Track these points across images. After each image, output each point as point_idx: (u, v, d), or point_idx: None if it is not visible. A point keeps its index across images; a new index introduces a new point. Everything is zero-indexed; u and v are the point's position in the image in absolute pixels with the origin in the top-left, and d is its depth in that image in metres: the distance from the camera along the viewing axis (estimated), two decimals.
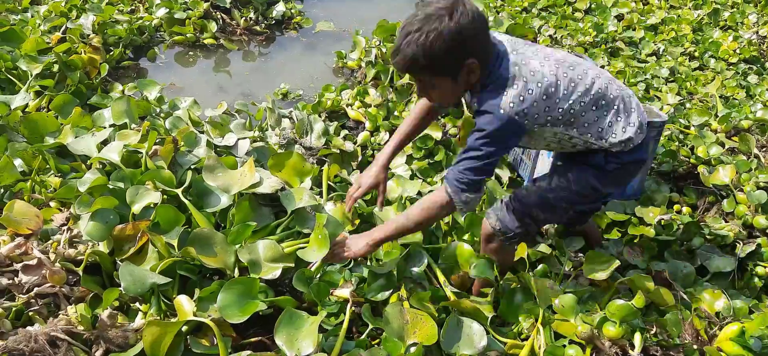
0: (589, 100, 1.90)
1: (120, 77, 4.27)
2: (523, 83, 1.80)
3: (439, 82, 1.86)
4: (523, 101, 1.79)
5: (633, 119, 1.99)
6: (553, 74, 1.85)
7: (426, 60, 1.74)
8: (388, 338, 1.86)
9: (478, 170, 1.87)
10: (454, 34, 1.70)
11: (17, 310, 1.98)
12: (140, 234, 2.21)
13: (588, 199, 2.13)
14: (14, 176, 2.52)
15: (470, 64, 1.78)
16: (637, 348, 1.96)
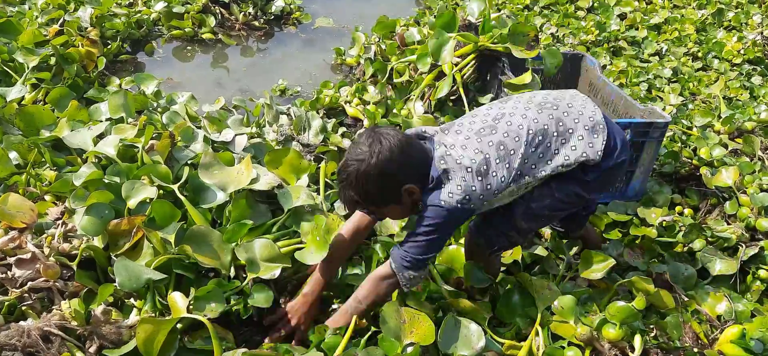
0: (524, 149, 1.88)
1: (117, 71, 4.24)
2: (454, 175, 1.83)
3: (387, 209, 1.98)
4: (461, 189, 1.82)
5: (579, 132, 1.93)
6: (478, 152, 1.86)
7: (363, 198, 1.89)
8: (384, 337, 1.83)
9: (423, 252, 1.91)
10: (378, 173, 1.81)
11: (10, 304, 1.96)
12: (135, 230, 2.18)
13: (573, 205, 2.08)
14: (9, 169, 2.50)
15: (408, 189, 1.86)
16: (637, 350, 1.94)
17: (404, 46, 3.99)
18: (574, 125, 1.92)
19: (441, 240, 1.93)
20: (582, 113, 1.96)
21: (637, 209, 2.90)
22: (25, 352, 1.78)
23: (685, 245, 2.69)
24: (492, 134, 1.90)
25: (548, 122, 1.91)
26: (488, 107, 2.04)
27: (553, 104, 1.96)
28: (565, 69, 3.53)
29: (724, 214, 2.96)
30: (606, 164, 1.96)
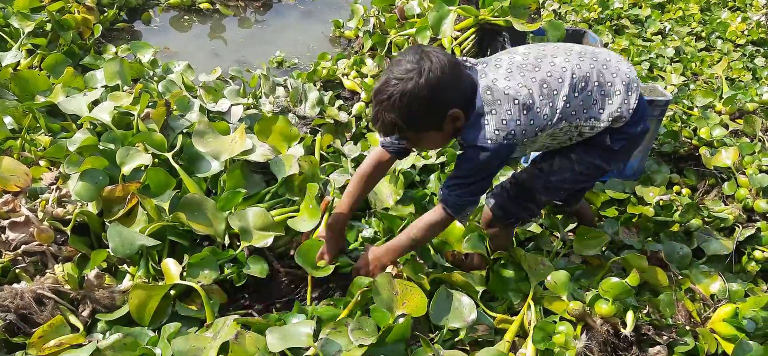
0: (568, 92, 1.83)
1: (113, 39, 4.20)
2: (499, 108, 1.76)
3: (425, 136, 1.84)
4: (506, 124, 1.76)
5: (617, 86, 1.89)
6: (523, 86, 1.80)
7: (405, 122, 1.72)
8: (376, 308, 1.83)
9: (474, 193, 1.87)
10: (426, 93, 1.66)
11: (3, 267, 1.96)
12: (130, 196, 2.17)
13: (592, 178, 2.08)
14: (4, 134, 2.48)
15: (452, 114, 1.75)
16: (629, 326, 1.94)
17: (404, 19, 3.95)
18: (612, 79, 1.88)
19: (490, 177, 1.88)
20: (619, 68, 1.91)
21: (635, 187, 2.88)
22: (18, 314, 1.79)
23: (681, 225, 2.68)
24: (535, 71, 1.82)
25: (590, 71, 1.86)
26: (525, 48, 1.95)
27: (592, 55, 1.91)
28: None
29: (722, 195, 2.95)
30: (633, 130, 1.93)
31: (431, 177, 2.75)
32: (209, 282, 2.00)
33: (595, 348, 1.93)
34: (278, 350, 1.63)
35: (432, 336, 1.92)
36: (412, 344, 1.85)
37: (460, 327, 1.89)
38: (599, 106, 1.86)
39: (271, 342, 1.65)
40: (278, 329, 1.70)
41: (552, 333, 1.94)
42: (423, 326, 1.97)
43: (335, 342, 1.73)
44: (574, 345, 1.90)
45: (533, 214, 2.19)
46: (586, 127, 1.87)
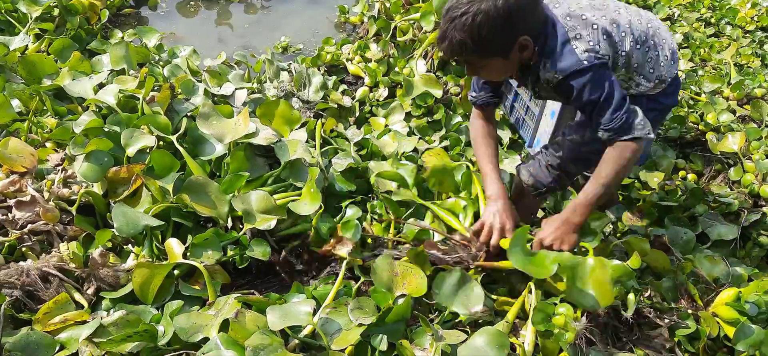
0: (632, 40, 1.82)
1: (120, 24, 4.23)
2: (584, 32, 1.72)
3: (489, 63, 1.77)
4: (593, 46, 1.72)
5: (666, 51, 1.90)
6: (601, 18, 1.78)
7: (474, 44, 1.65)
8: (377, 289, 1.84)
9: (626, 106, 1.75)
10: (502, 14, 1.60)
11: (10, 245, 1.99)
12: (134, 178, 2.19)
13: None
14: (11, 116, 2.51)
15: (522, 42, 1.69)
16: (630, 309, 1.93)
17: (409, 4, 3.93)
18: (662, 44, 1.90)
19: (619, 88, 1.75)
20: (666, 36, 1.93)
21: (639, 172, 2.88)
22: (24, 291, 1.82)
23: (686, 210, 2.67)
24: (603, 11, 1.80)
25: (647, 30, 1.88)
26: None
27: (646, 17, 1.93)
28: None
29: (728, 180, 2.94)
30: (667, 101, 1.95)
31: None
32: (212, 262, 2.02)
33: (595, 330, 1.93)
34: (278, 328, 1.65)
35: (432, 316, 1.94)
36: (411, 324, 1.86)
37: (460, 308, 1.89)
38: (651, 65, 1.87)
39: (271, 320, 1.67)
40: (278, 307, 1.72)
41: (552, 314, 1.94)
42: (423, 307, 1.98)
43: (335, 321, 1.75)
44: (574, 326, 1.91)
45: (563, 185, 2.19)
46: (634, 83, 1.89)
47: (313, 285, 2.06)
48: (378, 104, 3.32)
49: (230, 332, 1.63)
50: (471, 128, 2.14)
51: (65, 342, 1.70)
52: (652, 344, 1.92)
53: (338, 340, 1.69)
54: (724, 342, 1.99)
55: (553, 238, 1.89)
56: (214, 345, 1.63)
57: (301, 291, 2.01)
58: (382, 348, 1.71)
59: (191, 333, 1.70)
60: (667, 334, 1.96)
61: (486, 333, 1.67)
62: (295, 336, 1.69)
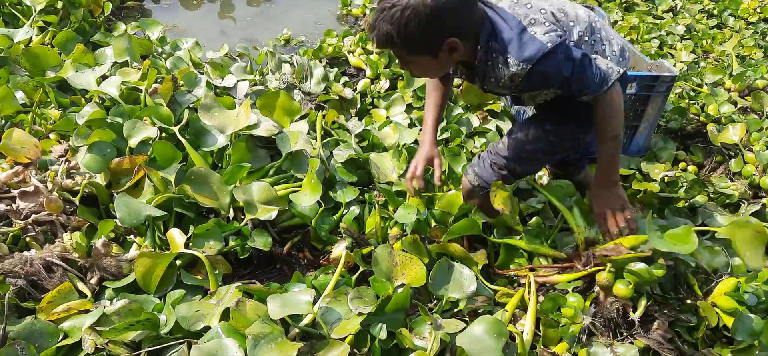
0: (581, 30, 1.82)
1: (123, 17, 4.24)
2: (537, 16, 1.71)
3: (417, 60, 1.76)
4: (551, 25, 1.72)
5: (614, 47, 1.88)
6: (547, 4, 1.79)
7: (400, 38, 1.63)
8: (376, 278, 1.86)
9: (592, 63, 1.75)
10: (430, 13, 1.58)
11: (14, 235, 2.01)
12: (137, 169, 2.21)
13: (568, 148, 2.07)
14: (15, 107, 2.53)
15: (450, 43, 1.66)
16: (639, 311, 1.93)
17: None
18: (610, 40, 1.89)
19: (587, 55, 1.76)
20: (613, 34, 1.92)
21: (641, 164, 2.88)
22: (28, 280, 1.84)
23: (686, 201, 2.67)
24: (546, 2, 1.81)
25: (594, 22, 1.88)
26: None
27: (591, 13, 1.92)
28: None
29: (729, 171, 2.94)
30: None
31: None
32: (214, 252, 2.04)
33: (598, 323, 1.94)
34: (278, 317, 1.67)
35: (431, 306, 1.95)
36: (411, 313, 1.88)
37: (460, 298, 1.91)
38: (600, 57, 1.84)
39: (271, 309, 1.68)
40: (279, 296, 1.74)
41: (562, 304, 1.95)
42: (423, 297, 2.00)
43: (334, 310, 1.77)
44: (581, 318, 1.91)
45: (508, 183, 2.17)
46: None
47: (313, 275, 2.08)
48: (379, 96, 3.33)
49: (231, 321, 1.65)
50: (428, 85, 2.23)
51: (68, 331, 1.72)
52: (651, 335, 1.93)
53: (338, 329, 1.71)
54: (724, 332, 2.00)
55: (607, 204, 1.96)
56: (215, 333, 1.65)
57: (302, 280, 2.03)
58: (381, 337, 1.73)
59: (193, 321, 1.72)
60: (667, 326, 1.97)
61: (485, 322, 1.68)
62: (295, 325, 1.71)
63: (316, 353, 1.64)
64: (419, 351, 1.66)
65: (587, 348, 1.84)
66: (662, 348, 1.89)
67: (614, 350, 1.83)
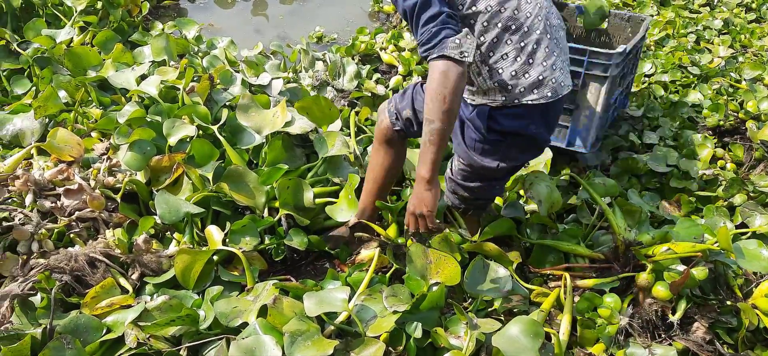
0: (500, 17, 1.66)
1: (160, 16, 4.32)
2: None
3: None
4: None
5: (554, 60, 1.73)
6: None
7: None
8: (410, 276, 1.86)
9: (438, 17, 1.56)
10: None
11: (59, 232, 2.07)
12: (176, 166, 2.26)
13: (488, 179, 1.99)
14: (58, 106, 2.60)
15: None
16: (679, 314, 1.91)
17: None
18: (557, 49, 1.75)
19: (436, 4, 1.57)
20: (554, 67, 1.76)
21: (679, 161, 2.83)
22: (72, 275, 1.89)
23: (725, 200, 2.62)
24: None
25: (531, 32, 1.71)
26: None
27: (550, 31, 1.75)
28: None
29: None
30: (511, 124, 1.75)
31: None
32: (250, 248, 2.07)
33: (636, 324, 1.92)
34: (315, 314, 1.68)
35: (466, 305, 1.95)
36: (445, 312, 1.88)
37: (495, 297, 1.91)
38: (503, 64, 1.69)
39: (307, 307, 1.70)
40: (315, 294, 1.76)
41: (599, 305, 1.94)
42: (457, 295, 2.01)
43: (370, 307, 1.78)
44: (618, 319, 1.90)
45: (477, 204, 2.14)
46: (485, 69, 1.71)
47: (347, 272, 2.10)
48: None
49: (269, 318, 1.68)
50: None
51: (111, 326, 1.77)
52: (691, 337, 1.90)
53: (373, 327, 1.72)
54: (764, 334, 1.97)
55: (413, 206, 1.80)
56: (252, 330, 1.68)
57: (336, 277, 2.05)
58: (417, 336, 1.73)
59: (231, 318, 1.75)
60: (707, 327, 1.94)
61: (521, 322, 1.68)
62: (331, 322, 1.73)
63: (352, 351, 1.65)
64: (455, 350, 1.67)
65: (624, 349, 1.83)
66: (702, 350, 1.86)
67: (652, 351, 1.81)
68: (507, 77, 1.69)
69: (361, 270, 2.09)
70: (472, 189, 2.01)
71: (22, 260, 1.98)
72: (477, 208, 2.15)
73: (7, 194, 2.13)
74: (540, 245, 2.27)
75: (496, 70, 1.69)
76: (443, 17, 1.56)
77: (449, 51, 1.54)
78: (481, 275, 1.97)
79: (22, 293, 1.82)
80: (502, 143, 1.78)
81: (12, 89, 2.95)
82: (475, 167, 1.89)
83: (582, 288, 2.10)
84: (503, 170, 1.88)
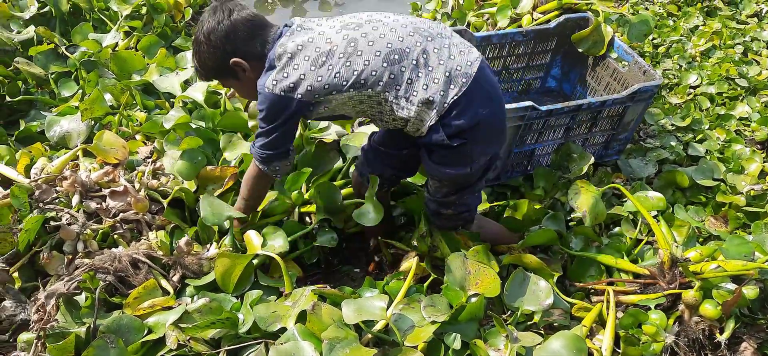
0: (371, 57, 1.72)
1: None
2: (287, 60, 1.73)
3: (228, 83, 1.94)
4: (287, 77, 1.72)
5: (436, 74, 1.74)
6: (328, 42, 1.73)
7: (201, 64, 1.87)
8: (449, 286, 1.85)
9: (270, 145, 1.86)
10: (206, 41, 1.80)
11: (104, 232, 2.12)
12: (228, 178, 2.28)
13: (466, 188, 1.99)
14: (104, 109, 2.67)
15: (235, 62, 1.81)
16: (727, 333, 1.85)
17: (483, 0, 3.90)
18: (435, 64, 1.75)
19: (281, 128, 1.82)
20: (450, 57, 1.77)
21: (726, 175, 2.75)
22: (116, 276, 1.93)
23: None
24: (354, 30, 1.76)
25: (412, 47, 1.75)
26: (379, 12, 1.88)
27: (427, 34, 1.79)
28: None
29: None
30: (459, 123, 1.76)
31: None
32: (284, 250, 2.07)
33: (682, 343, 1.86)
34: (353, 322, 1.68)
35: (505, 317, 1.92)
36: (484, 324, 1.86)
37: (535, 310, 1.88)
38: (413, 87, 1.74)
39: (346, 314, 1.70)
40: (353, 301, 1.75)
41: (643, 321, 1.89)
42: (496, 307, 1.98)
43: (407, 317, 1.77)
44: (663, 337, 1.85)
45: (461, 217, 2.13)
46: (397, 105, 1.76)
47: (385, 280, 2.09)
48: None
49: (307, 324, 1.68)
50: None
51: (153, 327, 1.80)
52: None
53: (411, 336, 1.70)
54: None
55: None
56: (291, 335, 1.68)
57: (374, 285, 2.04)
58: (455, 347, 1.72)
59: (270, 322, 1.76)
60: (755, 347, 1.88)
61: (563, 337, 1.65)
62: (368, 331, 1.72)
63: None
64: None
65: None
66: None
67: None
68: (423, 95, 1.74)
69: (398, 278, 2.08)
70: (453, 203, 2.04)
71: (67, 260, 2.03)
72: (465, 221, 2.15)
73: (54, 194, 2.19)
74: (580, 258, 2.23)
75: (411, 97, 1.75)
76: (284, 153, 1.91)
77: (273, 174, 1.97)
78: (521, 287, 1.94)
79: (67, 292, 1.87)
80: (467, 143, 1.80)
81: (59, 91, 3.04)
82: (450, 179, 1.92)
83: (625, 304, 2.05)
84: (477, 170, 1.93)
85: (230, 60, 1.80)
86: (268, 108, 1.77)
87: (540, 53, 3.15)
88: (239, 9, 1.81)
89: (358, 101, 1.78)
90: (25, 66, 2.99)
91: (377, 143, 2.15)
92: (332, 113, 1.85)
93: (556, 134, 2.63)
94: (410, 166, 2.22)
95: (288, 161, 1.95)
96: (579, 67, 3.16)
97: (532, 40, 3.04)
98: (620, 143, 2.86)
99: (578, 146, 2.68)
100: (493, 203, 2.51)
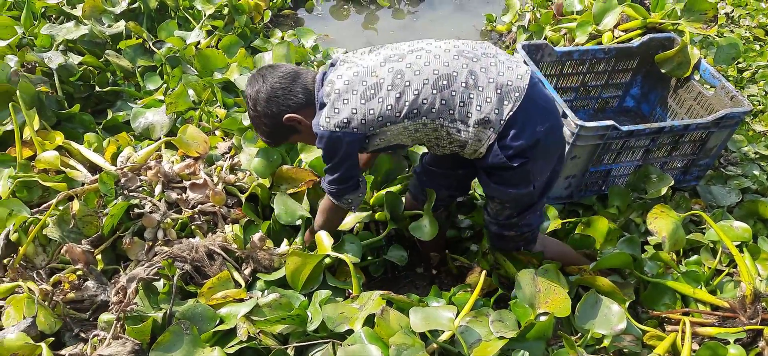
0: (421, 86, 1.73)
1: (279, 24, 4.51)
2: (335, 97, 1.75)
3: (293, 139, 2.01)
4: (338, 112, 1.74)
5: (488, 92, 1.73)
6: (373, 75, 1.74)
7: (267, 136, 1.97)
8: (518, 303, 1.82)
9: (338, 180, 1.91)
10: (262, 114, 1.88)
11: (182, 222, 2.20)
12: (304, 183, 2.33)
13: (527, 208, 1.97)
14: (187, 104, 2.78)
15: (290, 118, 1.87)
16: None
17: (560, 15, 3.83)
18: (485, 84, 1.74)
19: (343, 163, 1.85)
20: (498, 74, 1.76)
21: None
22: (192, 265, 2.00)
23: None
24: (398, 62, 1.77)
25: (458, 71, 1.75)
26: (419, 40, 1.88)
27: (472, 55, 1.78)
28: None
29: None
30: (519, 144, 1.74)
31: None
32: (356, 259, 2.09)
33: None
34: (421, 330, 1.68)
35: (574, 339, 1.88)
36: (552, 343, 1.82)
37: (606, 334, 1.82)
38: (466, 109, 1.74)
39: (414, 322, 1.70)
40: (421, 309, 1.75)
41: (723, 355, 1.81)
42: (564, 328, 1.93)
43: (474, 330, 1.76)
44: None
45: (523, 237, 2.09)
46: (453, 129, 1.77)
47: (452, 291, 2.08)
48: None
49: (375, 328, 1.69)
50: None
51: (225, 317, 1.85)
52: None
53: (477, 350, 1.69)
54: None
55: None
56: (358, 337, 1.70)
57: (440, 295, 2.04)
58: None
59: (338, 323, 1.78)
60: None
61: None
62: (434, 340, 1.72)
63: None
64: None
65: None
66: None
67: None
68: (478, 116, 1.74)
69: (464, 290, 2.07)
70: (516, 225, 2.02)
71: (147, 246, 2.13)
72: (528, 241, 2.12)
73: (138, 182, 2.30)
74: (655, 284, 2.15)
75: (466, 119, 1.75)
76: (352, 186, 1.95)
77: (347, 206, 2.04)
78: (592, 310, 1.89)
79: (146, 277, 1.95)
80: (528, 162, 1.78)
81: (145, 84, 3.18)
82: (512, 199, 1.92)
83: (701, 336, 1.97)
84: (539, 188, 1.91)
85: (283, 118, 1.88)
86: (326, 145, 1.81)
87: (620, 72, 3.07)
88: (271, 71, 1.90)
89: (413, 129, 1.80)
90: (114, 58, 3.16)
91: (429, 163, 2.16)
92: (388, 144, 1.87)
93: (634, 155, 2.56)
94: (464, 185, 2.24)
95: (359, 192, 2.00)
96: (660, 88, 3.06)
97: (613, 57, 2.96)
98: (700, 169, 2.75)
99: (657, 169, 2.60)
100: (564, 220, 2.46)
